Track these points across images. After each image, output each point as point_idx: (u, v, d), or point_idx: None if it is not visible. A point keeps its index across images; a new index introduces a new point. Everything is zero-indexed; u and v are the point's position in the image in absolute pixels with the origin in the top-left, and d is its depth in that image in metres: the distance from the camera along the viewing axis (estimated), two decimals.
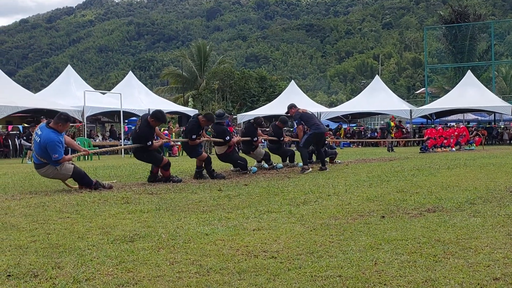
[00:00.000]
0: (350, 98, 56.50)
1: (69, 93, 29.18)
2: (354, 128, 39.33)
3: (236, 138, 12.91)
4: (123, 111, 26.20)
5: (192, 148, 11.29)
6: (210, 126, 12.33)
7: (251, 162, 13.49)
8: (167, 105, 34.47)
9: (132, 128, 31.06)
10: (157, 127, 10.55)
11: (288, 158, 14.19)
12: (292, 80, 45.35)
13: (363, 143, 34.97)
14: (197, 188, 9.08)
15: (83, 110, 26.37)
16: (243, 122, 11.70)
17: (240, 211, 6.43)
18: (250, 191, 8.43)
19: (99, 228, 5.39)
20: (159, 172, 10.40)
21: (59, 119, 8.72)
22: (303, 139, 12.71)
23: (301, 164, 13.69)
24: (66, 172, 8.79)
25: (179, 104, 44.28)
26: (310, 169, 12.28)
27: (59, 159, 8.56)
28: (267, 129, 15.61)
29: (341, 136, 35.51)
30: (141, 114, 30.86)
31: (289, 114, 13.49)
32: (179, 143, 24.78)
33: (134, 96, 33.11)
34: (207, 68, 56.45)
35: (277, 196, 7.77)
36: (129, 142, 27.09)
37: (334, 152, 15.67)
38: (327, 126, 33.92)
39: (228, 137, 12.09)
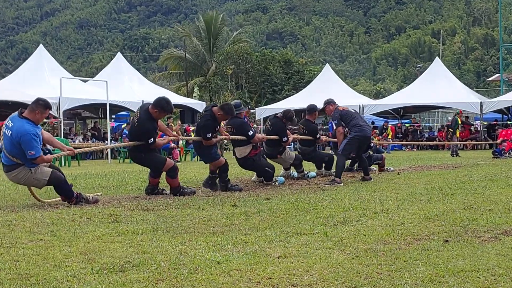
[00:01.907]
0: (401, 87, 56.36)
1: (41, 80, 29.44)
2: (407, 125, 39.17)
3: (260, 135, 12.71)
4: (109, 104, 26.37)
5: (206, 149, 11.25)
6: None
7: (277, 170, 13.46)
8: (167, 96, 34.59)
9: (121, 125, 31.42)
10: (161, 121, 10.57)
11: (325, 164, 14.18)
12: (327, 64, 45.32)
13: (419, 146, 34.79)
14: (206, 203, 9.12)
15: (59, 102, 26.52)
16: (268, 119, 11.59)
17: (261, 232, 6.44)
18: (273, 207, 8.44)
19: (80, 254, 5.42)
20: (166, 182, 10.42)
21: (36, 105, 8.73)
22: (342, 144, 12.69)
23: (312, 174, 13.70)
24: (42, 176, 8.80)
25: (182, 95, 44.54)
26: (342, 184, 12.06)
27: (35, 157, 8.54)
28: (293, 127, 15.53)
29: (389, 137, 35.34)
30: (132, 108, 31.57)
31: (325, 112, 13.50)
32: (180, 144, 24.93)
33: (124, 85, 33.34)
34: (217, 49, 56.64)
35: (309, 214, 7.77)
36: (117, 142, 27.25)
37: (381, 157, 15.60)
38: (372, 123, 33.81)
39: (251, 131, 11.89)
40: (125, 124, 28.48)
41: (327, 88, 35.94)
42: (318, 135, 13.95)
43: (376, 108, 37.13)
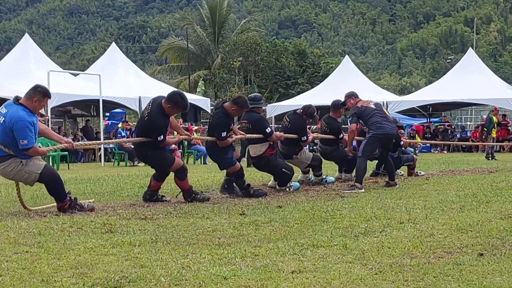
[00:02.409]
0: (430, 82, 56.21)
1: (26, 73, 29.40)
2: (437, 125, 39.06)
3: (279, 133, 12.52)
4: (103, 100, 26.42)
5: (222, 153, 11.20)
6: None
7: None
8: (166, 91, 34.46)
9: (116, 124, 31.43)
10: (173, 118, 10.60)
11: (344, 168, 14.27)
12: (346, 56, 45.29)
13: (450, 147, 34.69)
14: (211, 211, 9.12)
15: None
16: (286, 115, 11.53)
17: (273, 244, 6.44)
18: (286, 216, 8.44)
19: (71, 268, 5.43)
20: (175, 184, 10.47)
21: (34, 92, 8.78)
22: (361, 145, 12.66)
23: (331, 178, 13.75)
24: (34, 169, 8.79)
25: (184, 90, 44.46)
26: (363, 190, 12.01)
27: (27, 148, 8.55)
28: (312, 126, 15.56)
29: (416, 139, 35.24)
30: (128, 104, 31.67)
31: (345, 106, 13.48)
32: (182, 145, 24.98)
33: (119, 79, 33.34)
34: (223, 39, 56.72)
35: (326, 224, 7.77)
36: (110, 145, 27.34)
37: (411, 158, 15.50)
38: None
39: (268, 129, 11.85)
40: (120, 123, 28.52)
41: (346, 83, 35.82)
42: (342, 134, 13.91)
43: (401, 105, 36.94)
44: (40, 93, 8.81)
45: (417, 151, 28.82)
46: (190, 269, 5.36)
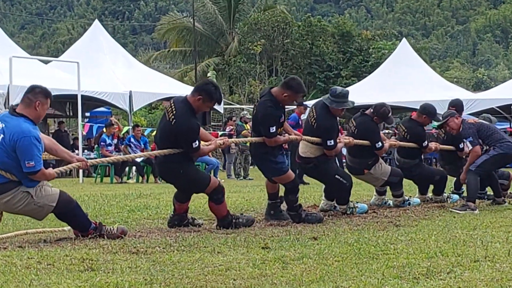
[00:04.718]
0: None
1: None
2: None
3: (347, 139, 12.86)
4: (82, 96, 26.52)
5: (269, 155, 11.27)
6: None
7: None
8: (166, 85, 34.72)
9: (100, 127, 31.36)
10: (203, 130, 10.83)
11: (434, 187, 14.46)
12: (403, 39, 45.25)
13: None
14: (223, 243, 9.13)
15: (8, 92, 26.65)
16: (352, 118, 11.59)
17: None
18: (323, 251, 8.44)
19: None
20: (210, 210, 10.64)
21: (34, 95, 8.87)
22: (479, 161, 13.14)
23: (455, 197, 14.10)
24: (48, 201, 8.91)
25: (189, 84, 44.52)
26: (477, 211, 12.59)
27: (35, 171, 8.68)
28: (388, 131, 15.89)
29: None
30: (115, 102, 31.69)
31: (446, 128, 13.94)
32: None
33: (104, 68, 33.49)
34: (241, 16, 56.78)
35: (376, 262, 7.77)
36: (92, 154, 27.41)
37: (508, 175, 15.57)
38: None
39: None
40: (105, 127, 28.39)
41: (403, 74, 35.93)
42: (426, 142, 14.03)
43: (476, 105, 36.75)
44: (41, 94, 8.89)
45: None
46: None
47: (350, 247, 8.74)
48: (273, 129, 10.95)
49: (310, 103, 39.62)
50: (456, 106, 14.54)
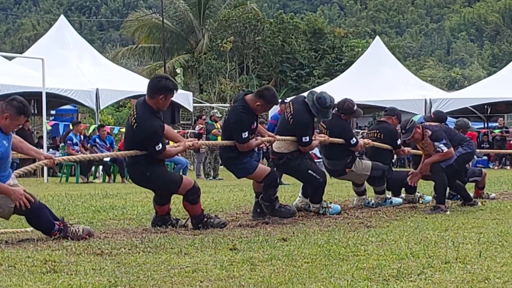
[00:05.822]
0: (489, 74, 56.36)
1: None
2: (497, 131, 39.04)
3: (322, 137, 12.95)
4: (47, 94, 26.44)
5: (238, 157, 11.35)
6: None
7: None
8: (134, 83, 34.68)
9: (67, 126, 31.27)
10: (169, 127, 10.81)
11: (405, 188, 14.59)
12: (377, 37, 45.43)
13: None
14: (190, 244, 9.12)
15: None
16: (321, 121, 11.53)
17: None
18: (292, 252, 8.43)
19: None
20: (184, 208, 10.64)
21: (7, 106, 8.79)
22: (451, 160, 13.22)
23: (428, 198, 14.28)
24: (8, 202, 8.89)
25: None
26: (448, 212, 12.78)
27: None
28: (360, 131, 16.07)
29: None
30: (81, 100, 31.60)
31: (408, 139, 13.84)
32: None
33: (70, 65, 33.42)
34: (211, 13, 56.83)
35: (346, 263, 7.77)
36: (58, 153, 27.31)
37: (480, 172, 15.78)
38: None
39: (308, 137, 12.17)
40: (72, 126, 28.26)
41: (377, 73, 36.04)
42: (399, 141, 14.17)
43: (450, 105, 36.96)
44: (14, 109, 8.78)
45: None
46: None
47: (320, 249, 8.73)
48: (245, 135, 11.02)
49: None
50: (441, 119, 14.63)
